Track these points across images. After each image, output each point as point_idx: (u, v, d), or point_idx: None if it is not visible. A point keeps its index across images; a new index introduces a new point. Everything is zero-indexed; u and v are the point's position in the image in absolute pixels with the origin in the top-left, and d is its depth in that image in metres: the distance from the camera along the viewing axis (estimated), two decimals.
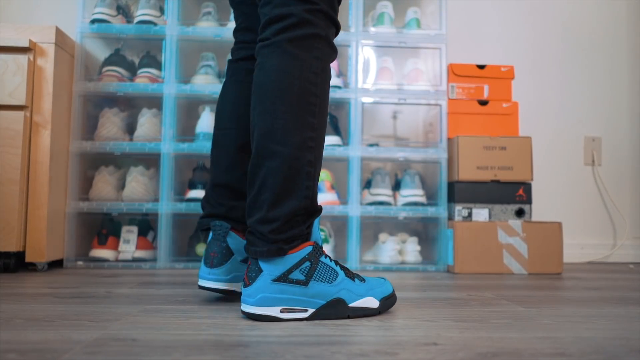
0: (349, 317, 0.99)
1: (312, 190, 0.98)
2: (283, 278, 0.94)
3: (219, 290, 1.13)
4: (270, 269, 0.95)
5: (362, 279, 1.04)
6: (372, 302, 1.02)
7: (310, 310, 0.96)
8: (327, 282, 0.97)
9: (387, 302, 1.04)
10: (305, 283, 0.95)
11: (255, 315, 0.95)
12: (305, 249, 0.97)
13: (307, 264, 0.96)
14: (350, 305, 0.99)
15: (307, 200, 0.97)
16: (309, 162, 0.96)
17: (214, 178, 1.18)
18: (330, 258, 1.01)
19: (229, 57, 1.28)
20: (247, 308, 0.96)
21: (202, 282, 1.13)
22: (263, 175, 0.95)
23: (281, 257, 0.94)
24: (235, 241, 1.13)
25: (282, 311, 0.95)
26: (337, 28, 1.04)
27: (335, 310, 0.98)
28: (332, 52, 1.02)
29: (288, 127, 0.94)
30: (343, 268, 1.02)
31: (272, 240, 0.94)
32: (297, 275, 0.95)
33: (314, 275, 0.96)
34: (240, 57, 1.22)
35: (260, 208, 0.95)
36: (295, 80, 0.95)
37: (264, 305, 0.94)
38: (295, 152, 0.95)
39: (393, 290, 1.07)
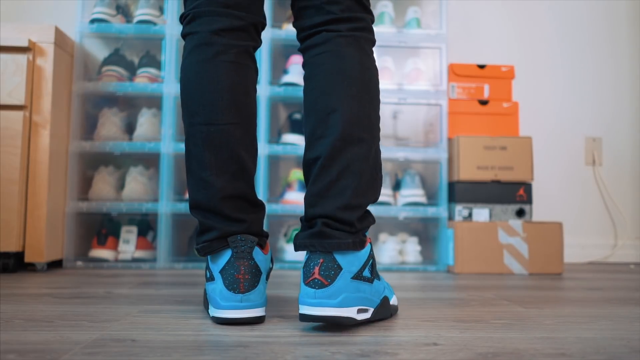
0: (391, 317, 0.95)
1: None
2: (359, 275, 0.88)
3: (256, 318, 0.92)
4: (349, 266, 0.87)
5: None
6: (395, 300, 1.00)
7: (371, 310, 0.91)
8: (378, 278, 0.94)
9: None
10: (371, 280, 0.90)
11: (337, 318, 0.85)
12: (369, 244, 0.93)
13: (372, 260, 0.92)
14: (391, 303, 0.97)
15: (380, 192, 0.96)
16: (380, 155, 0.97)
17: (221, 189, 0.93)
18: None
19: (194, 25, 0.95)
20: (326, 311, 0.84)
21: (233, 314, 0.90)
22: (347, 160, 0.89)
23: (357, 251, 0.89)
24: (260, 257, 0.94)
25: (358, 311, 0.88)
26: None
27: (384, 309, 0.94)
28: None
29: (373, 117, 0.93)
30: None
31: (356, 229, 0.89)
32: (367, 272, 0.90)
33: (373, 271, 0.92)
34: (224, 28, 0.94)
35: (341, 194, 0.89)
36: (374, 77, 0.95)
37: (346, 306, 0.85)
38: (377, 143, 0.94)
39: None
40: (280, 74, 2.06)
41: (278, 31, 1.95)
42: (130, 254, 1.84)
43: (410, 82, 2.03)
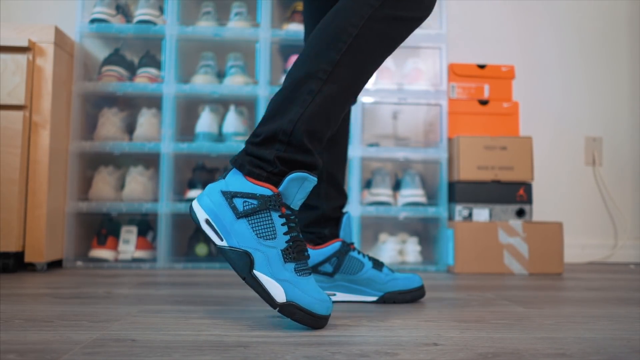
0: (245, 280, 0.89)
1: (301, 120, 0.91)
2: (228, 194, 0.90)
3: None
4: (228, 181, 0.92)
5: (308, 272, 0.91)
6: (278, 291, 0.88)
7: (224, 243, 0.89)
8: (259, 236, 0.89)
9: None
10: (237, 214, 0.89)
11: (191, 207, 0.94)
12: (263, 190, 0.89)
13: (255, 202, 0.89)
14: (255, 271, 0.88)
15: (290, 124, 0.90)
16: (309, 90, 0.92)
17: None
18: (289, 220, 0.91)
19: None
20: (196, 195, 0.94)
21: None
22: (273, 97, 0.96)
23: (241, 174, 0.92)
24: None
25: (205, 222, 0.91)
26: None
27: (240, 261, 0.89)
28: (411, 3, 0.99)
29: (309, 54, 0.95)
30: (297, 242, 0.91)
31: (246, 151, 0.93)
32: (239, 203, 0.90)
33: (251, 219, 0.89)
34: None
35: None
36: (336, 18, 0.96)
37: (199, 203, 0.92)
38: (302, 78, 0.93)
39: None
40: (279, 74, 2.06)
41: (278, 31, 1.95)
42: (130, 254, 1.84)
43: (410, 82, 2.03)
